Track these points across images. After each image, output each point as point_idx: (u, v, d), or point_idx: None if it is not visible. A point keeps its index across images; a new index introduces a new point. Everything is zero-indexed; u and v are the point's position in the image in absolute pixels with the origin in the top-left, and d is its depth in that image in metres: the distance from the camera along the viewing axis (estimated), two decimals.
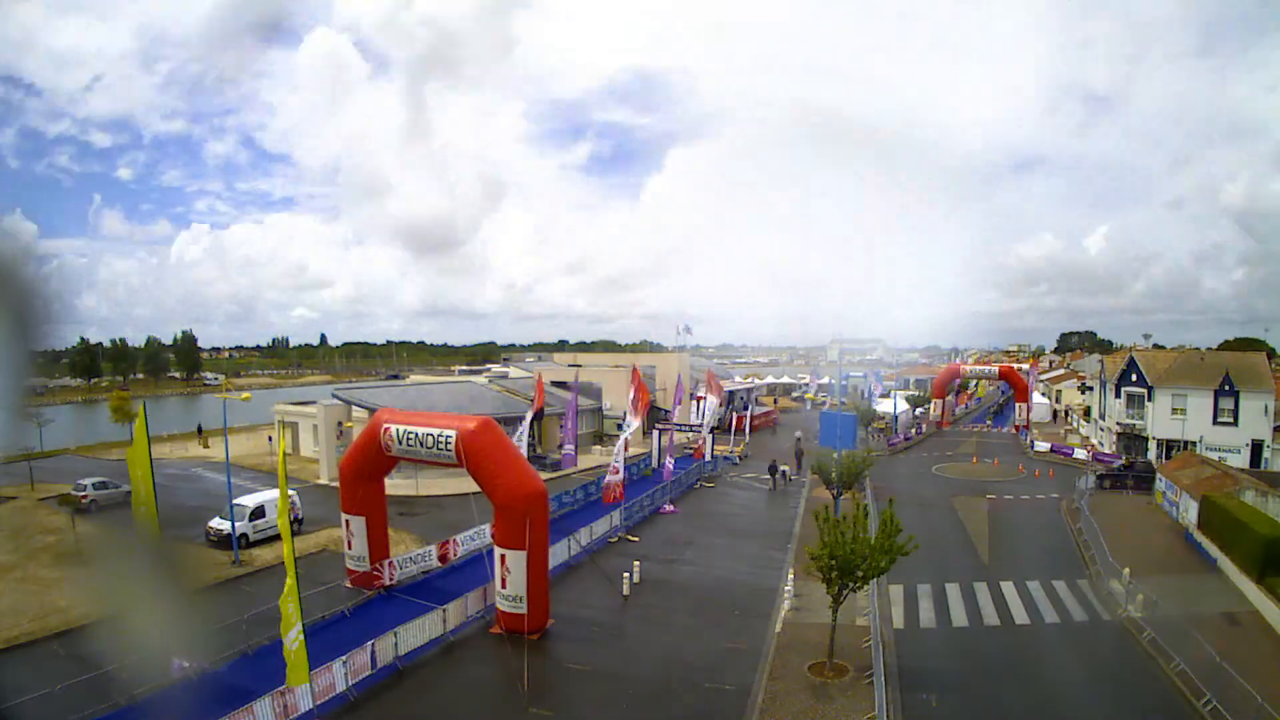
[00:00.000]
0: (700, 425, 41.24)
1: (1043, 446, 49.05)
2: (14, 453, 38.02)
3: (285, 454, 15.84)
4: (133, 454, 16.20)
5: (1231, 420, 40.31)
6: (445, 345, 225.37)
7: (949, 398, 66.19)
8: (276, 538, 26.16)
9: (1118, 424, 45.64)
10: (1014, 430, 59.03)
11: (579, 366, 56.71)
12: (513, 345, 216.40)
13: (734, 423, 50.34)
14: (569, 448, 35.25)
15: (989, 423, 65.79)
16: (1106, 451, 45.87)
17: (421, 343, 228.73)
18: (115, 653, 15.11)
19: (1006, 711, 15.14)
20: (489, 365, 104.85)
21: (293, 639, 13.66)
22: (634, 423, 29.55)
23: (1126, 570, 21.43)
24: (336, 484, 23.54)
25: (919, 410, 63.61)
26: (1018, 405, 62.93)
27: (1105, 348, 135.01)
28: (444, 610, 18.41)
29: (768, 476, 37.33)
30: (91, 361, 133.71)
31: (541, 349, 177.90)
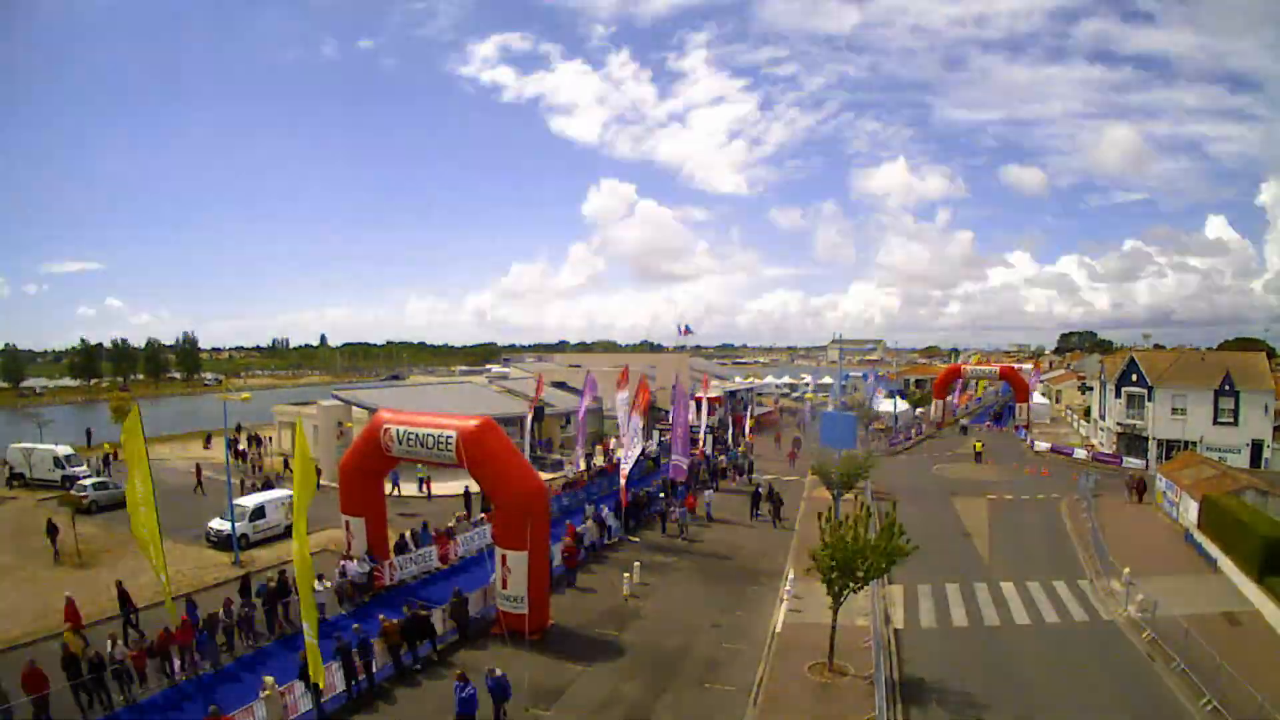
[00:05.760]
0: (698, 426, 41.18)
1: (1043, 446, 49.05)
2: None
3: (286, 455, 15.83)
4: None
5: (1232, 420, 40.30)
6: (446, 345, 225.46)
7: (949, 398, 66.16)
8: (276, 538, 26.19)
9: (1118, 424, 45.63)
10: (1014, 430, 59.04)
11: (579, 367, 56.69)
12: (513, 346, 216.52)
13: (734, 423, 50.33)
14: (578, 450, 35.51)
15: (989, 423, 65.71)
16: (1107, 451, 45.87)
17: (422, 343, 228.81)
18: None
19: (1007, 712, 15.12)
20: (489, 365, 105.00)
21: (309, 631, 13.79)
22: (636, 421, 29.48)
23: (1126, 570, 21.43)
24: (336, 484, 23.53)
25: (919, 410, 63.58)
26: (1018, 405, 62.92)
27: (1105, 348, 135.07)
28: (444, 611, 18.41)
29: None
30: (90, 362, 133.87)
31: (541, 349, 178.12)
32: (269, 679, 14.10)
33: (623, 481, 28.26)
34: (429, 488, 33.67)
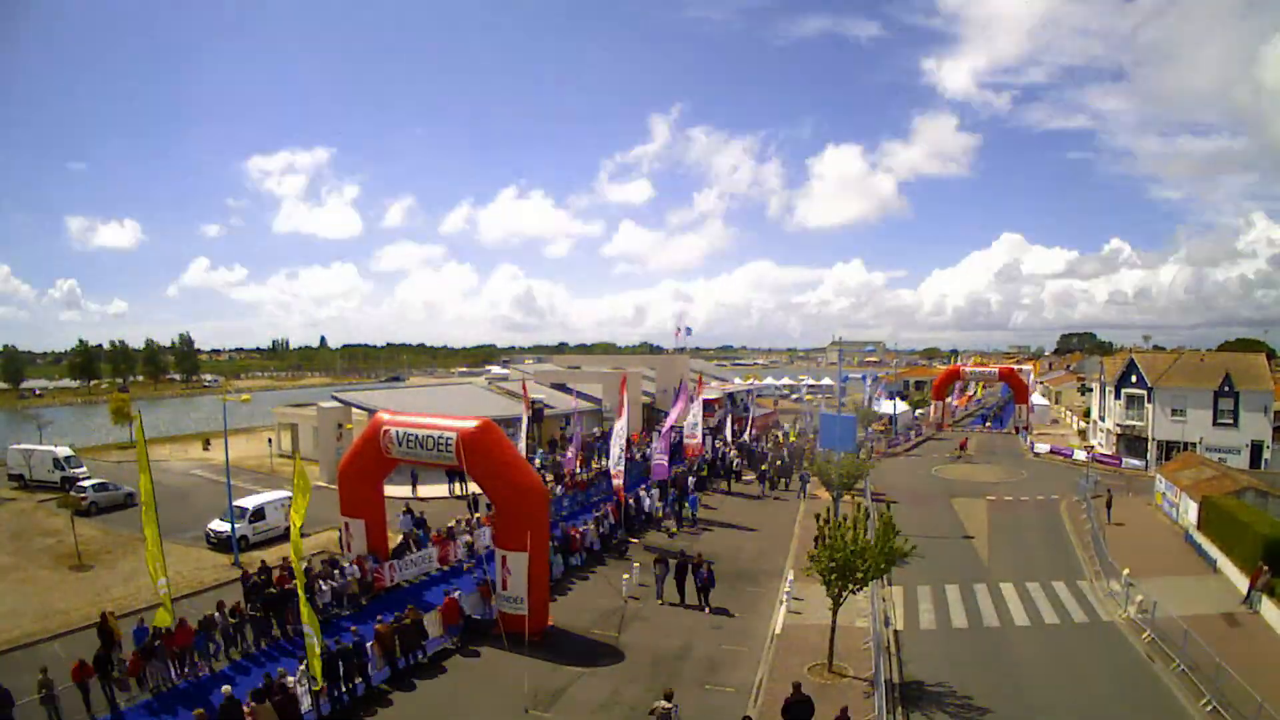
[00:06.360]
0: (696, 426, 41.06)
1: (1043, 448, 49.06)
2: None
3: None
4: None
5: (1231, 421, 40.34)
6: (445, 347, 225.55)
7: (948, 399, 66.20)
8: (277, 539, 26.19)
9: (1118, 425, 45.67)
10: (1013, 431, 59.05)
11: (578, 368, 56.71)
12: (512, 348, 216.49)
13: (733, 423, 50.20)
14: (571, 452, 35.34)
15: (988, 425, 65.76)
16: (1107, 452, 45.90)
17: (422, 345, 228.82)
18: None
19: (1007, 713, 15.12)
20: (489, 367, 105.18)
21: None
22: (621, 424, 29.59)
23: (1126, 571, 21.44)
24: (335, 486, 23.51)
25: (918, 411, 63.59)
26: (1018, 406, 62.95)
27: (1105, 349, 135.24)
28: (443, 612, 18.40)
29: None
30: (90, 364, 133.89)
31: (541, 351, 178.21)
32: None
33: (616, 482, 28.22)
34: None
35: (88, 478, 33.29)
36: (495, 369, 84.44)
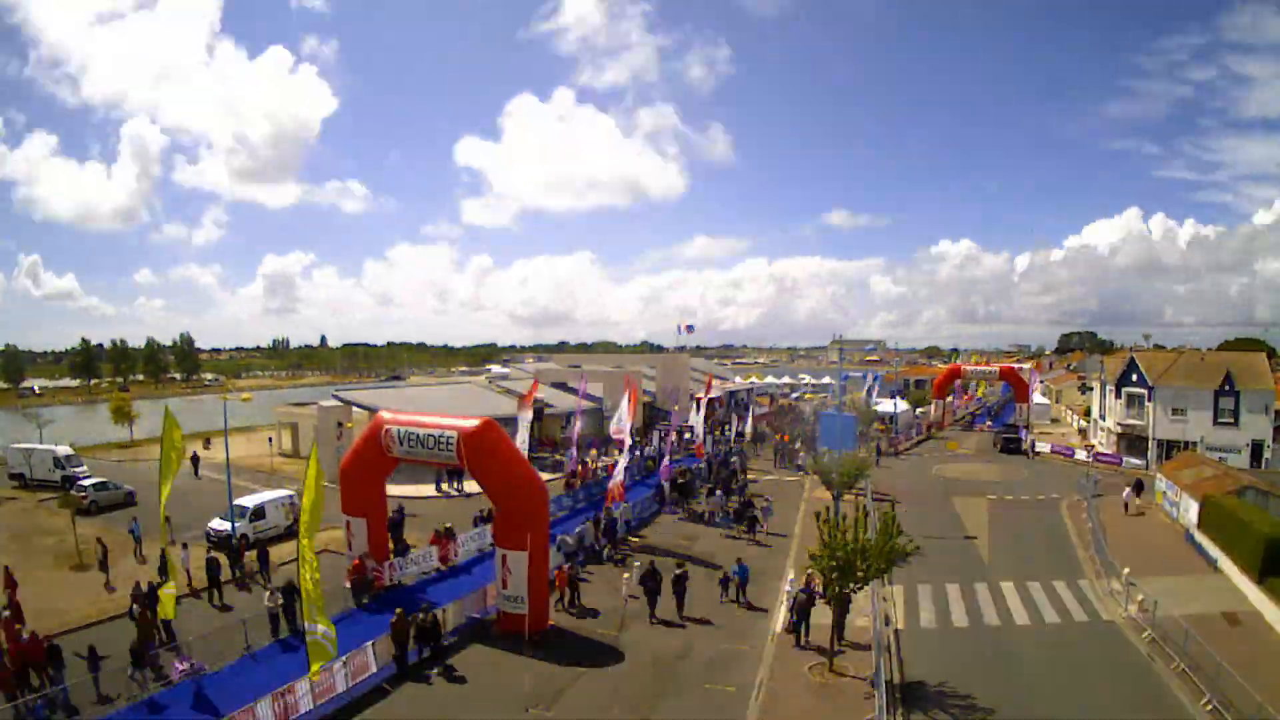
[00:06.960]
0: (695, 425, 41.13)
1: (1043, 447, 49.00)
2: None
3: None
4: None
5: (1232, 420, 40.31)
6: (445, 346, 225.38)
7: (949, 398, 66.14)
8: (277, 539, 26.19)
9: (1118, 424, 45.63)
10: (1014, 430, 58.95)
11: (578, 368, 56.69)
12: (513, 346, 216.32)
13: (736, 422, 50.24)
14: (572, 451, 35.48)
15: (989, 424, 65.69)
16: (1107, 451, 45.85)
17: (422, 344, 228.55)
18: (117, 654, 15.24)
19: (1008, 712, 15.10)
20: (489, 366, 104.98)
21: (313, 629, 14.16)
22: (628, 425, 29.65)
23: (1127, 570, 21.42)
24: (336, 485, 23.50)
25: (919, 410, 63.52)
26: (1018, 405, 62.90)
27: (1106, 348, 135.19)
28: (444, 611, 18.40)
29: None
30: (90, 362, 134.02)
31: (542, 350, 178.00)
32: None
33: (619, 477, 28.22)
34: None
35: (88, 477, 33.30)
36: (496, 368, 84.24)
